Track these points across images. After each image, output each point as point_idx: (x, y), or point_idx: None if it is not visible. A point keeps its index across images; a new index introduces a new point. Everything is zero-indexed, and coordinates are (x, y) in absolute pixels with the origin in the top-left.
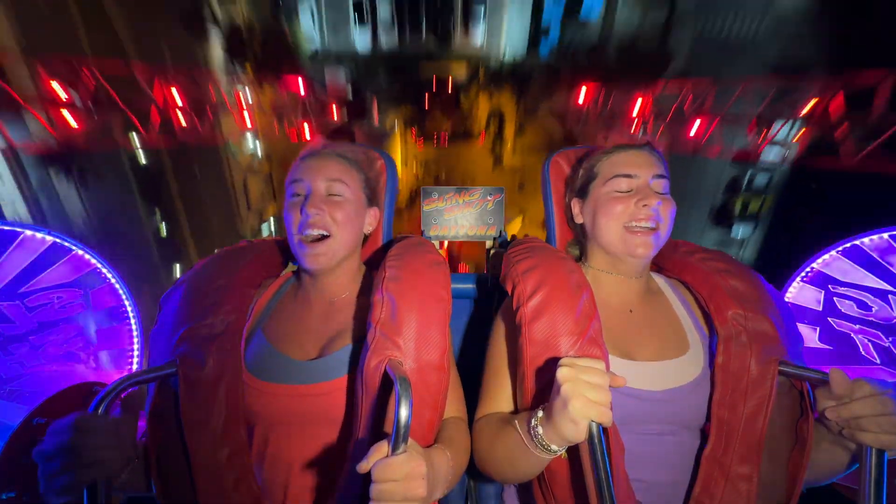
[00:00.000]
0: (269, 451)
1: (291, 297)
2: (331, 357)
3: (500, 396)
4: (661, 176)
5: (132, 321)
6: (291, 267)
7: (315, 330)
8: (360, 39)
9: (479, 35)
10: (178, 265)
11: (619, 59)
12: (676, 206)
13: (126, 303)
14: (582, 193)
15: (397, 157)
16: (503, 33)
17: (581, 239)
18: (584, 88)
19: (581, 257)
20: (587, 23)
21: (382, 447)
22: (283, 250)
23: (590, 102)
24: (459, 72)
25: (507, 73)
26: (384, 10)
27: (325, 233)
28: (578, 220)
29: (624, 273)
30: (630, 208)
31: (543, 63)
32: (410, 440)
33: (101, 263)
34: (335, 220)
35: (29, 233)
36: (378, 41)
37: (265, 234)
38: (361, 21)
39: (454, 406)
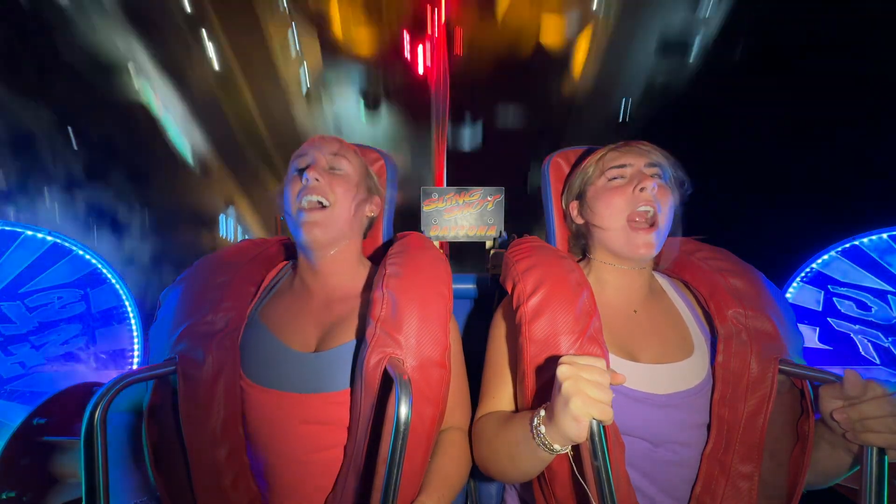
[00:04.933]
0: (269, 454)
1: (289, 288)
2: (333, 352)
3: (500, 395)
4: (654, 164)
5: (132, 321)
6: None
7: (316, 317)
8: None
9: None
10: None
11: None
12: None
13: (126, 303)
14: (579, 195)
15: None
16: None
17: (582, 239)
18: None
19: (583, 257)
20: None
21: None
22: (285, 249)
23: None
24: None
25: None
26: None
27: (324, 200)
28: (578, 220)
29: (628, 265)
30: (628, 196)
31: None
32: None
33: (102, 263)
34: (335, 191)
35: (29, 233)
36: None
37: None
38: None
39: (458, 414)
